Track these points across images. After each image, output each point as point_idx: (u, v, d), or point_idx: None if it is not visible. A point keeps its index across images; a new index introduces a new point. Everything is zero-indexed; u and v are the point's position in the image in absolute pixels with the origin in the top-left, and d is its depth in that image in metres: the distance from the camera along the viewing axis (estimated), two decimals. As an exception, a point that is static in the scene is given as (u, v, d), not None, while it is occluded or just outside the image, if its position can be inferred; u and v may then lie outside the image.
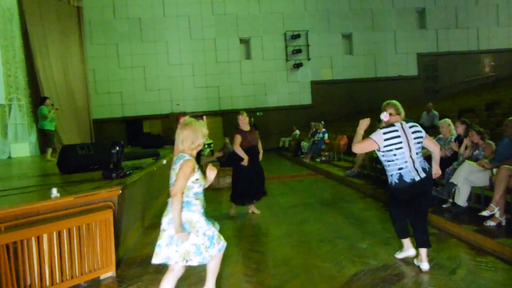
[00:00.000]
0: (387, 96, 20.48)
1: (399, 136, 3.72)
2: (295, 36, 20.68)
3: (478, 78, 21.88)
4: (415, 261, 4.00)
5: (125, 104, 19.94)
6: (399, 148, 3.71)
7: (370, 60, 21.70)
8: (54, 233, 3.54)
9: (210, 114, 20.54)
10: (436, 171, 3.97)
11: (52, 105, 10.32)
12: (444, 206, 5.73)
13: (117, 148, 5.13)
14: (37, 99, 14.01)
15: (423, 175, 3.76)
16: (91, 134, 17.78)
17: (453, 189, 5.35)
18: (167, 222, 3.02)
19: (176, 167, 3.04)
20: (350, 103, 21.29)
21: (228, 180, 8.81)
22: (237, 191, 6.50)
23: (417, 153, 3.76)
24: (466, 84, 21.51)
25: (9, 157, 12.39)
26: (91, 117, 17.96)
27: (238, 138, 6.27)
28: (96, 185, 4.46)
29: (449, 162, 5.78)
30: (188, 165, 3.01)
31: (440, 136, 6.46)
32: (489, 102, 10.81)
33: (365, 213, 6.32)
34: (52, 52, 14.88)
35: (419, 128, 3.85)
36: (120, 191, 4.27)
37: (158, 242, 3.03)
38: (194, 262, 2.99)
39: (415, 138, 3.76)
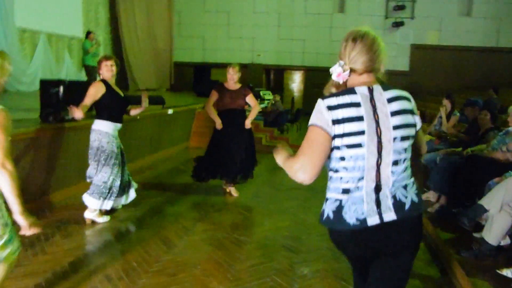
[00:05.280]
0: (507, 73, 16.61)
1: (361, 118, 1.60)
2: (400, -11, 17.70)
3: None
4: None
5: (206, 50, 19.45)
6: (356, 144, 1.60)
7: (493, 25, 17.72)
8: None
9: (292, 68, 19.12)
10: None
11: (96, 40, 10.04)
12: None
13: (56, 88, 4.33)
14: (117, 37, 14.13)
15: (391, 216, 1.62)
16: (170, 77, 17.83)
17: (483, 215, 3.34)
18: None
19: None
20: (457, 76, 17.86)
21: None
22: (199, 160, 5.22)
23: (395, 162, 1.64)
24: None
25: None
26: (172, 60, 17.91)
27: (212, 95, 5.03)
28: None
29: (504, 168, 3.79)
30: (4, 116, 2.04)
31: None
32: None
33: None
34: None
35: (408, 104, 1.69)
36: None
37: None
38: None
39: (397, 128, 1.63)
